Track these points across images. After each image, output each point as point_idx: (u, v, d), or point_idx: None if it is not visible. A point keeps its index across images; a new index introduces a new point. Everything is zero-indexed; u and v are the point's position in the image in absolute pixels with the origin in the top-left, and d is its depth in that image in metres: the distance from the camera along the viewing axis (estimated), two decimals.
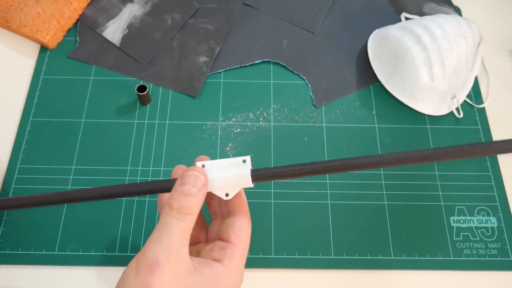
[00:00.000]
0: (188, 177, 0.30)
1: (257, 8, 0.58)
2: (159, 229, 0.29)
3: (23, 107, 0.50)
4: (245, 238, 0.32)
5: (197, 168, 0.30)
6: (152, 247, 0.28)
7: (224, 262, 0.31)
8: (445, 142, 0.49)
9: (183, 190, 0.30)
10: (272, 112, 0.51)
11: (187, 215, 0.29)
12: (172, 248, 0.28)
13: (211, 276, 0.30)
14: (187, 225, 0.29)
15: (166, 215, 0.29)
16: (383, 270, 0.43)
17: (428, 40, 0.48)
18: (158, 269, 0.27)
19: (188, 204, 0.29)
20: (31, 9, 0.54)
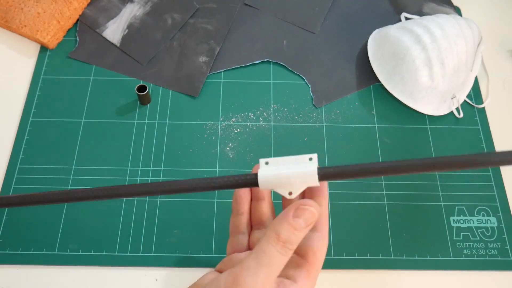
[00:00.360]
0: (303, 212, 0.28)
1: (257, 8, 0.58)
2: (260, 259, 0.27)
3: (23, 107, 0.50)
4: (321, 259, 0.31)
5: (314, 204, 0.29)
6: (248, 278, 0.26)
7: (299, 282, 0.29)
8: (445, 142, 0.49)
9: (295, 224, 0.28)
10: (272, 112, 0.51)
11: (290, 250, 0.28)
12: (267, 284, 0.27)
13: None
14: (286, 260, 0.28)
15: (270, 246, 0.27)
16: (383, 270, 0.43)
17: (428, 40, 0.48)
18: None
19: (295, 239, 0.28)
20: (31, 9, 0.54)
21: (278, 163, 0.30)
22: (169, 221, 0.45)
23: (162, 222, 0.45)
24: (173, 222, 0.45)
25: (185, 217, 0.45)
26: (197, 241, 0.44)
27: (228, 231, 0.35)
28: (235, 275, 0.27)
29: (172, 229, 0.44)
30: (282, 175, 0.29)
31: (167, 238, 0.44)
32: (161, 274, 0.43)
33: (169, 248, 0.44)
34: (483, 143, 0.50)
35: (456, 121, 0.51)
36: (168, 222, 0.45)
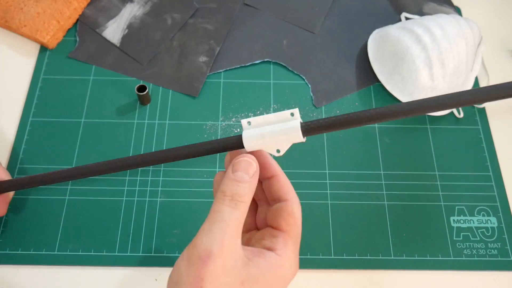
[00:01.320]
0: (240, 164, 0.29)
1: (257, 8, 0.58)
2: (211, 218, 0.28)
3: (23, 107, 0.50)
4: (296, 224, 0.31)
5: (248, 155, 0.30)
6: (204, 238, 0.27)
7: (277, 251, 0.29)
8: (445, 142, 0.49)
9: (235, 177, 0.29)
10: (272, 112, 0.51)
11: (240, 203, 0.28)
12: (225, 239, 0.27)
13: (265, 266, 0.28)
14: (240, 214, 0.28)
15: (219, 203, 0.28)
16: (383, 270, 0.43)
17: (428, 40, 0.48)
18: (210, 260, 0.26)
19: (241, 191, 0.28)
20: (31, 9, 0.54)
21: (260, 123, 0.30)
22: (169, 221, 0.45)
23: (162, 222, 0.45)
24: (173, 222, 0.45)
25: (185, 217, 0.45)
26: None
27: None
28: (193, 240, 0.28)
29: (172, 229, 0.44)
30: (266, 133, 0.29)
31: (167, 238, 0.44)
32: (161, 274, 0.43)
33: (169, 248, 0.44)
34: (483, 143, 0.50)
35: (456, 121, 0.51)
36: (168, 222, 0.45)
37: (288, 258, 0.29)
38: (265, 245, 0.30)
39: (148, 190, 0.46)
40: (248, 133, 0.30)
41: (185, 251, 0.28)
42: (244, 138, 0.30)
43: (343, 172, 0.48)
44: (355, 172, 0.48)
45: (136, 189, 0.46)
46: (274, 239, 0.30)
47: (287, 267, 0.29)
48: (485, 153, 0.49)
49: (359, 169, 0.48)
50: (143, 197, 0.46)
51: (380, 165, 0.48)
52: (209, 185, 0.46)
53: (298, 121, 0.29)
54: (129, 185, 0.46)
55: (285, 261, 0.29)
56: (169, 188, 0.46)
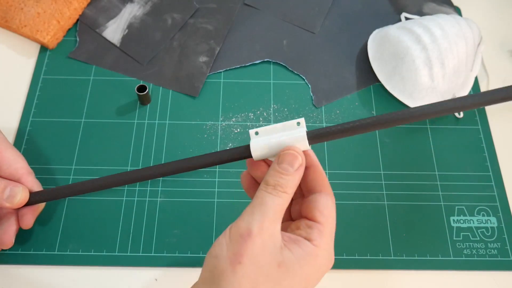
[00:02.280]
0: (285, 156, 0.30)
1: (257, 8, 0.58)
2: (254, 203, 0.29)
3: (23, 107, 0.50)
4: (331, 216, 0.31)
5: (295, 147, 0.31)
6: (246, 218, 0.29)
7: (314, 241, 0.30)
8: (445, 142, 0.49)
9: (280, 169, 0.30)
10: (272, 112, 0.51)
11: (282, 193, 0.29)
12: (265, 222, 0.28)
13: (301, 254, 0.29)
14: (281, 202, 0.29)
15: (262, 191, 0.30)
16: (383, 270, 0.43)
17: (428, 40, 0.48)
18: (250, 238, 0.28)
19: (284, 182, 0.30)
20: (31, 9, 0.54)
21: (268, 132, 0.31)
22: (169, 221, 0.45)
23: (162, 222, 0.45)
24: (173, 222, 0.45)
25: (185, 217, 0.45)
26: (197, 241, 0.44)
27: None
28: (236, 220, 0.29)
29: (172, 229, 0.44)
30: (273, 142, 0.31)
31: (167, 238, 0.44)
32: (161, 274, 0.43)
33: (169, 248, 0.44)
34: (483, 143, 0.50)
35: (456, 121, 0.51)
36: (168, 222, 0.45)
37: (323, 249, 0.30)
38: (301, 235, 0.31)
39: (148, 190, 0.46)
40: (255, 143, 0.31)
41: (228, 229, 0.29)
42: (252, 148, 0.31)
43: (343, 172, 0.48)
44: (355, 172, 0.48)
45: (136, 189, 0.46)
46: (310, 230, 0.31)
47: (322, 257, 0.30)
48: (485, 153, 0.49)
49: (359, 169, 0.48)
50: (143, 197, 0.46)
51: (380, 165, 0.48)
52: (209, 185, 0.46)
53: (304, 129, 0.31)
54: (129, 185, 0.46)
55: (320, 252, 0.30)
56: (169, 188, 0.46)
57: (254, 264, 0.27)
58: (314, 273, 0.30)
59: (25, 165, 0.41)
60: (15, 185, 0.38)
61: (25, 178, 0.40)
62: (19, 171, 0.39)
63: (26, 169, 0.40)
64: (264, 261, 0.28)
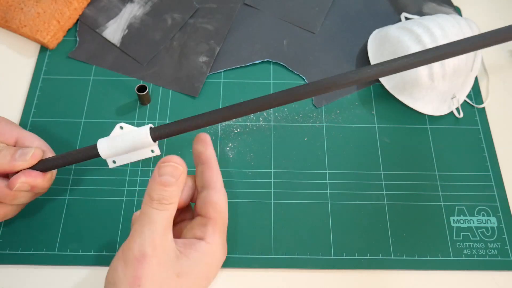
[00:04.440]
0: (166, 168, 0.31)
1: (257, 8, 0.58)
2: (141, 221, 0.30)
3: (23, 107, 0.50)
4: (223, 211, 0.33)
5: (174, 158, 0.31)
6: (137, 240, 0.29)
7: (207, 239, 0.31)
8: (445, 142, 0.49)
9: (161, 181, 0.30)
10: (272, 112, 0.51)
11: (168, 205, 0.30)
12: (156, 239, 0.29)
13: (197, 257, 0.30)
14: (169, 214, 0.30)
15: (146, 206, 0.30)
16: (383, 270, 0.43)
17: (428, 40, 0.48)
18: (145, 260, 0.28)
19: (168, 194, 0.30)
20: (31, 9, 0.54)
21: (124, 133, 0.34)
22: None
23: None
24: None
25: None
26: None
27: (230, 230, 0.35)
28: (127, 242, 0.29)
29: None
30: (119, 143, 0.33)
31: None
32: None
33: None
34: (483, 143, 0.50)
35: (456, 121, 0.51)
36: None
37: (217, 244, 0.31)
38: (196, 234, 0.32)
39: None
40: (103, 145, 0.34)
41: (120, 252, 0.29)
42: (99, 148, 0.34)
43: (343, 172, 0.48)
44: (355, 172, 0.48)
45: (136, 189, 0.46)
46: (204, 228, 0.32)
47: (217, 253, 0.31)
48: (485, 153, 0.49)
49: (359, 169, 0.48)
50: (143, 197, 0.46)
51: (380, 165, 0.48)
52: None
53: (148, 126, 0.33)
54: (129, 185, 0.46)
55: (215, 248, 0.31)
56: None
57: (153, 283, 0.28)
58: (212, 269, 0.31)
59: (45, 143, 0.40)
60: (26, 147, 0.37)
61: (46, 154, 0.39)
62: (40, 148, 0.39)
63: (46, 146, 0.40)
64: (162, 277, 0.28)
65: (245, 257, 0.43)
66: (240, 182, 0.47)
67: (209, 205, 0.32)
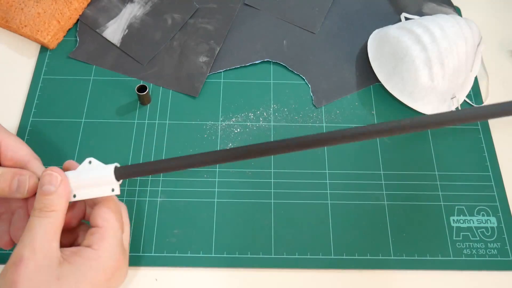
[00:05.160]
0: (44, 178, 0.32)
1: (257, 8, 0.58)
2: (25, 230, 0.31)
3: (23, 107, 0.50)
4: (112, 219, 0.33)
5: (54, 168, 0.33)
6: (17, 247, 0.30)
7: (93, 246, 0.32)
8: (445, 142, 0.49)
9: (41, 191, 0.32)
10: (272, 112, 0.51)
11: (50, 212, 0.31)
12: (36, 244, 0.30)
13: (81, 261, 0.31)
14: (52, 221, 0.31)
15: (31, 216, 0.31)
16: (383, 270, 0.43)
17: (428, 40, 0.48)
18: (22, 264, 0.29)
19: (48, 202, 0.31)
20: (31, 9, 0.54)
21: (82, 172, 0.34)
22: (169, 221, 0.45)
23: (162, 222, 0.45)
24: (173, 222, 0.45)
25: (185, 217, 0.45)
26: (197, 241, 0.44)
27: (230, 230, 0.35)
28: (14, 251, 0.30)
29: (172, 229, 0.44)
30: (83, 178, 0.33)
31: (167, 238, 0.44)
32: (161, 274, 0.43)
33: (169, 248, 0.44)
34: (483, 143, 0.50)
35: None
36: (168, 222, 0.45)
37: (105, 250, 0.32)
38: (85, 244, 0.33)
39: (148, 190, 0.46)
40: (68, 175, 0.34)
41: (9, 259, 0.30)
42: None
43: (343, 172, 0.48)
44: (355, 172, 0.48)
45: (136, 189, 0.46)
46: (91, 236, 0.33)
47: (105, 258, 0.32)
48: (485, 153, 0.49)
49: (359, 169, 0.48)
50: (143, 197, 0.46)
51: (380, 165, 0.48)
52: (210, 185, 0.46)
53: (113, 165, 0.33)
54: (129, 185, 0.46)
55: (101, 254, 0.32)
56: (169, 188, 0.46)
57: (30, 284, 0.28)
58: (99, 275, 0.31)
59: (30, 151, 0.39)
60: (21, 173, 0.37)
61: (32, 164, 0.38)
62: (24, 158, 0.38)
63: (31, 155, 0.39)
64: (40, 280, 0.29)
65: (245, 257, 0.43)
66: (240, 182, 0.47)
67: (97, 215, 0.34)
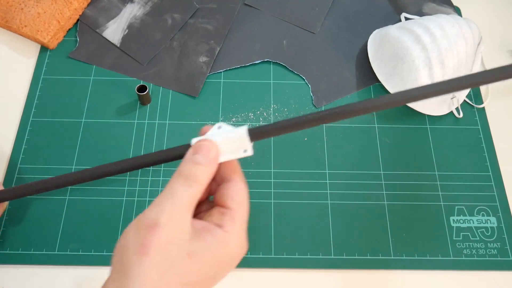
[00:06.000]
0: (201, 147, 0.30)
1: (257, 8, 0.58)
2: (164, 193, 0.29)
3: (23, 107, 0.50)
4: (242, 202, 0.32)
5: (210, 141, 0.31)
6: (154, 209, 0.28)
7: (225, 228, 0.30)
8: (445, 142, 0.49)
9: (193, 159, 0.30)
10: (272, 112, 0.51)
11: (194, 183, 0.29)
12: (174, 212, 0.28)
13: (212, 241, 0.29)
14: (193, 192, 0.29)
15: (173, 181, 0.30)
16: (383, 270, 0.43)
17: (428, 40, 0.48)
18: (156, 229, 0.27)
19: (196, 172, 0.29)
20: (31, 9, 0.54)
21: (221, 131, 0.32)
22: None
23: None
24: None
25: None
26: None
27: None
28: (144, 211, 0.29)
29: None
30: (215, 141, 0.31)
31: None
32: None
33: None
34: (483, 143, 0.50)
35: (456, 121, 0.51)
36: None
37: (235, 235, 0.30)
38: (213, 222, 0.31)
39: (148, 190, 0.46)
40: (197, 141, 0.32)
41: (135, 219, 0.29)
42: None
43: (343, 172, 0.48)
44: (355, 172, 0.48)
45: (136, 189, 0.46)
46: (222, 216, 0.31)
47: (233, 244, 0.30)
48: (485, 153, 0.49)
49: (359, 169, 0.48)
50: (143, 197, 0.46)
51: (380, 165, 0.48)
52: None
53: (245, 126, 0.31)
54: (129, 185, 0.46)
55: (231, 238, 0.30)
56: None
57: (160, 255, 0.27)
58: (225, 259, 0.30)
59: None
60: None
61: None
62: None
63: None
64: (171, 251, 0.28)
65: (245, 257, 0.43)
66: None
67: (227, 196, 0.32)
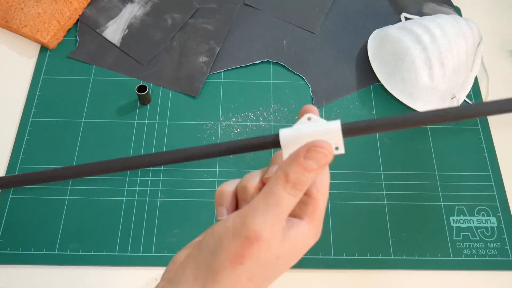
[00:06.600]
0: (316, 154, 0.27)
1: (257, 8, 0.58)
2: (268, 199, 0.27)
3: (23, 107, 0.50)
4: (325, 193, 0.30)
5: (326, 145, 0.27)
6: (256, 220, 0.26)
7: (307, 219, 0.29)
8: (445, 142, 0.49)
9: (305, 164, 0.27)
10: (272, 112, 0.51)
11: (300, 192, 0.27)
12: (276, 225, 0.26)
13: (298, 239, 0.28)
14: (295, 202, 0.27)
15: (279, 186, 0.27)
16: (383, 270, 0.43)
17: (428, 40, 0.48)
18: (257, 243, 0.26)
19: (305, 180, 0.27)
20: (31, 9, 0.54)
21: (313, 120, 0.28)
22: (169, 221, 0.45)
23: (162, 222, 0.45)
24: (173, 222, 0.45)
25: (185, 217, 0.45)
26: None
27: None
28: (243, 216, 0.26)
29: (172, 229, 0.44)
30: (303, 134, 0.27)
31: (167, 238, 0.44)
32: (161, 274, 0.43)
33: (169, 248, 0.44)
34: (483, 143, 0.50)
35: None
36: (168, 222, 0.45)
37: (315, 226, 0.29)
38: (295, 212, 0.29)
39: (148, 190, 0.46)
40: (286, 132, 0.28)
41: (231, 222, 0.27)
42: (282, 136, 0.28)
43: (343, 172, 0.48)
44: (355, 172, 0.48)
45: (136, 189, 0.46)
46: (304, 206, 0.29)
47: (313, 235, 0.29)
48: (485, 153, 0.49)
49: (359, 169, 0.48)
50: (143, 197, 0.46)
51: (380, 165, 0.48)
52: (209, 185, 0.46)
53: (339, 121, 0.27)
54: (129, 185, 0.46)
55: (313, 229, 0.29)
56: (169, 188, 0.46)
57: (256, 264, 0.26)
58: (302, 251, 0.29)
59: None
60: None
61: None
62: None
63: None
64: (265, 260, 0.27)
65: None
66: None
67: (312, 185, 0.29)
